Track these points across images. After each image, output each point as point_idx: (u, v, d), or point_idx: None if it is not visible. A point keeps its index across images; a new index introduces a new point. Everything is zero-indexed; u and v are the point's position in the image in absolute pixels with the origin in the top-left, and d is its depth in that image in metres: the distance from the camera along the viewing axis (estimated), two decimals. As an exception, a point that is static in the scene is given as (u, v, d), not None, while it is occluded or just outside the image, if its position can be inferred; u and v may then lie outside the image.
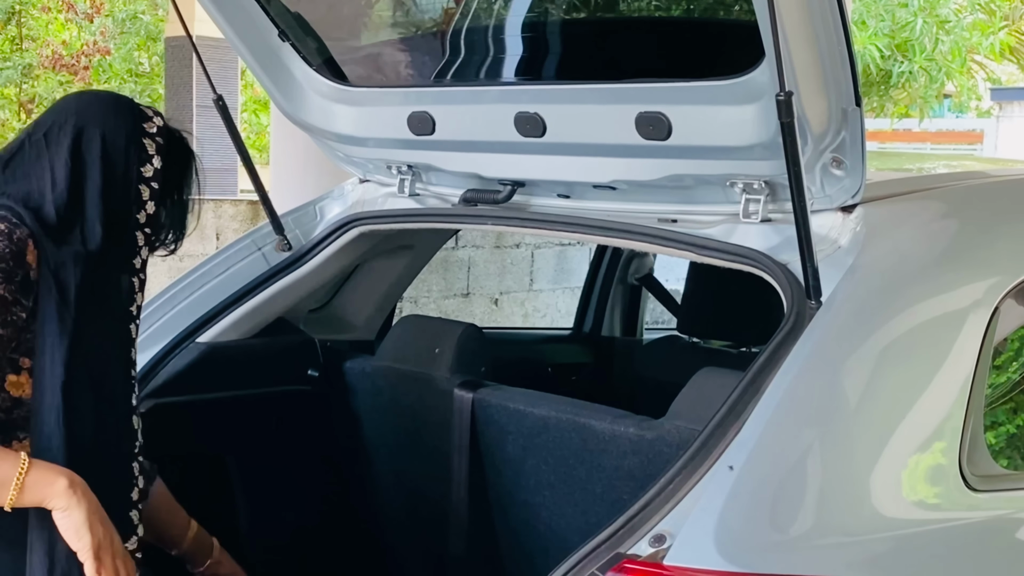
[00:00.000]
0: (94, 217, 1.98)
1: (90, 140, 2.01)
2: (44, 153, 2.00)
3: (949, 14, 10.33)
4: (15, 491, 1.76)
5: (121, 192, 2.02)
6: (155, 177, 2.06)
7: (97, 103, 2.09)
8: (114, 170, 2.01)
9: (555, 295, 6.94)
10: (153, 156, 2.06)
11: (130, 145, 2.03)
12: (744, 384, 1.84)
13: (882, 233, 2.09)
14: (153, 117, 2.10)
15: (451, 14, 2.54)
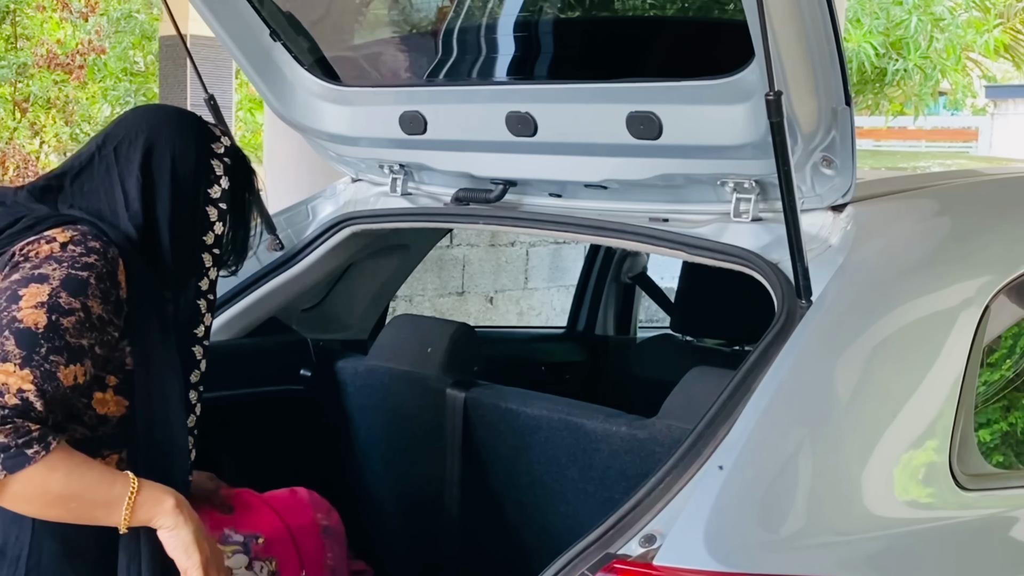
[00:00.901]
0: (165, 237, 1.97)
1: (160, 158, 1.99)
2: (114, 168, 1.98)
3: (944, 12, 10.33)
4: (127, 511, 1.77)
5: (189, 213, 2.00)
6: (223, 198, 2.04)
7: (167, 120, 2.06)
8: (183, 190, 1.99)
9: (550, 293, 6.94)
10: (221, 177, 2.04)
11: (199, 166, 2.02)
12: (734, 383, 1.84)
13: (873, 232, 2.09)
14: (221, 137, 2.08)
15: (443, 14, 2.54)
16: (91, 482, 1.78)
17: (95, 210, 1.94)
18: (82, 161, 2.01)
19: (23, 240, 1.85)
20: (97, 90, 13.15)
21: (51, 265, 1.78)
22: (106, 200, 1.96)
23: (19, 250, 1.83)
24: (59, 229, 1.85)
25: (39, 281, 1.76)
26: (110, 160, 1.99)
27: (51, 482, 1.71)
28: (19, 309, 1.73)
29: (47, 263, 1.78)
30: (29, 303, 1.73)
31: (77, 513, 1.77)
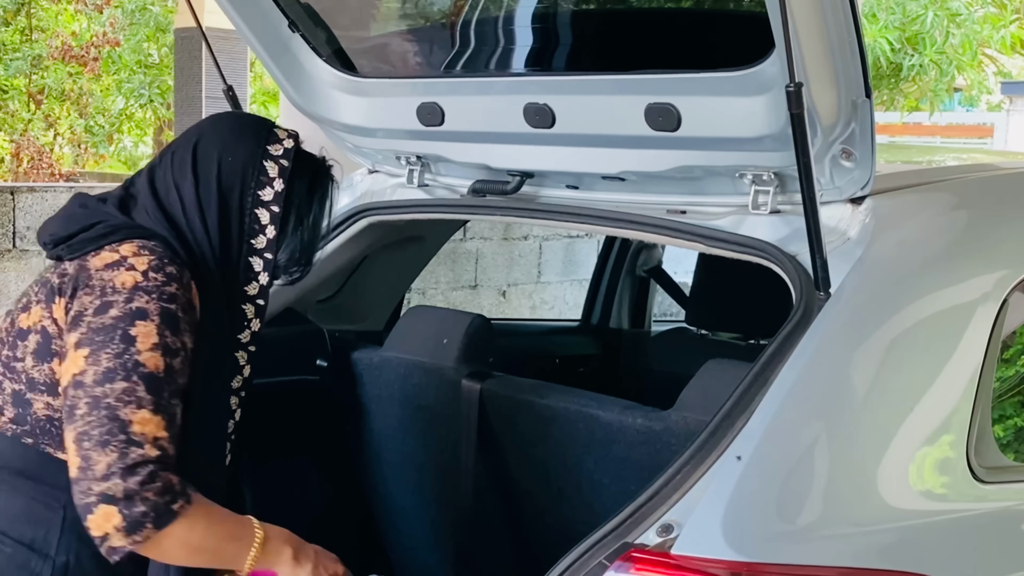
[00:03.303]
0: (214, 238, 1.96)
1: (208, 160, 1.98)
2: (169, 172, 1.99)
3: (960, 7, 10.29)
4: (251, 561, 1.82)
5: (236, 214, 1.98)
6: (275, 201, 1.99)
7: (221, 123, 2.06)
8: (228, 190, 1.97)
9: (563, 287, 6.94)
10: (274, 179, 1.99)
11: (247, 167, 1.98)
12: (752, 375, 1.84)
13: (891, 225, 2.09)
14: (284, 140, 2.04)
15: (460, 5, 2.54)
16: (225, 533, 1.82)
17: (162, 217, 1.95)
18: (154, 164, 2.03)
19: (94, 247, 1.87)
20: (111, 82, 13.18)
21: (143, 298, 1.79)
22: (170, 205, 1.96)
23: (96, 269, 1.84)
24: (133, 247, 1.85)
25: (142, 318, 1.77)
26: (167, 165, 2.00)
27: (192, 535, 1.75)
28: (139, 352, 1.75)
29: (138, 296, 1.79)
30: (146, 345, 1.76)
31: (207, 560, 1.82)
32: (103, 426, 1.70)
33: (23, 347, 1.88)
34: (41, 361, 1.86)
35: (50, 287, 1.88)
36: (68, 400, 1.75)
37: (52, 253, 1.93)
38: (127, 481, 1.68)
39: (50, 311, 1.85)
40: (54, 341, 1.84)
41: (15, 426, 1.88)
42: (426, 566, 2.97)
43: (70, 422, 1.74)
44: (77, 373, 1.75)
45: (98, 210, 1.96)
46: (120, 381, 1.72)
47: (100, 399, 1.72)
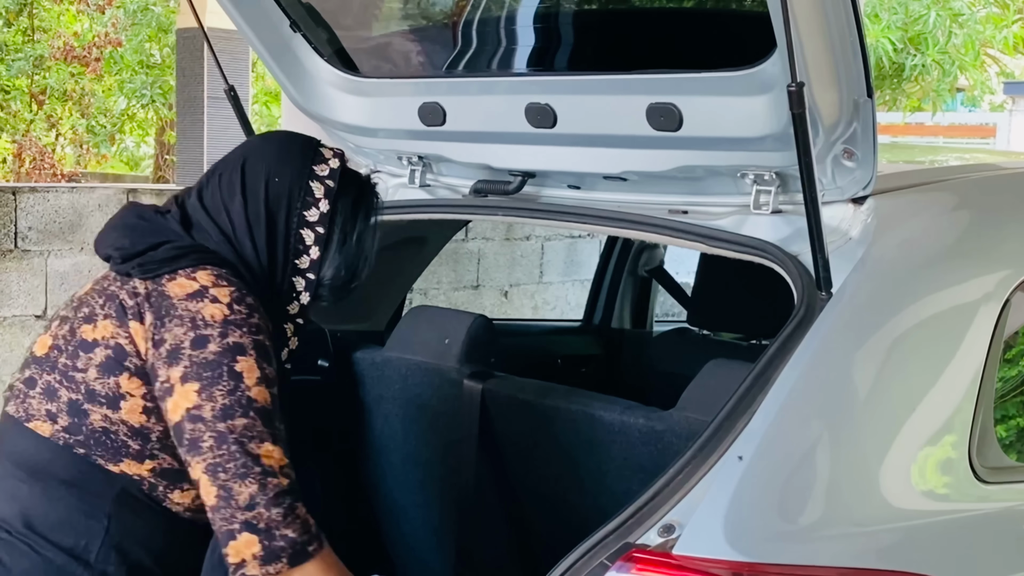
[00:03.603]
0: (263, 258, 1.99)
1: (256, 181, 2.00)
2: (219, 193, 2.01)
3: (962, 7, 10.28)
4: None
5: (283, 234, 2.00)
6: (320, 221, 2.01)
7: (268, 143, 2.08)
8: (276, 210, 1.99)
9: (565, 287, 6.94)
10: (320, 200, 2.01)
11: (294, 186, 2.00)
12: (754, 375, 1.84)
13: (893, 225, 2.09)
14: (329, 160, 2.05)
15: (462, 5, 2.54)
16: None
17: (222, 239, 1.98)
18: (202, 183, 2.04)
19: (168, 271, 1.89)
20: (113, 83, 13.18)
21: (236, 332, 1.84)
22: (220, 226, 1.99)
23: (177, 299, 1.86)
24: (209, 276, 1.89)
25: (241, 353, 1.83)
26: (215, 186, 2.02)
27: None
28: (248, 388, 1.81)
29: (231, 330, 1.84)
30: (252, 380, 1.82)
31: None
32: (236, 459, 1.78)
33: (87, 358, 1.89)
34: (107, 375, 1.88)
35: (119, 304, 1.89)
36: (187, 433, 1.80)
37: (120, 268, 1.94)
38: (270, 512, 1.77)
39: (127, 331, 1.87)
40: (129, 359, 1.87)
41: (68, 435, 1.89)
42: (428, 566, 2.97)
43: (196, 453, 1.80)
44: (191, 408, 1.80)
45: (161, 225, 1.98)
46: (240, 418, 1.79)
47: (226, 434, 1.78)
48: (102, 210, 5.04)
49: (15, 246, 4.78)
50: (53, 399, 1.90)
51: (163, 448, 1.89)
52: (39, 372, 1.94)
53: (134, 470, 1.89)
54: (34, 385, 1.93)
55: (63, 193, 4.96)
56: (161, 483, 1.92)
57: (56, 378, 1.91)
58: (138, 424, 1.88)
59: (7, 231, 4.75)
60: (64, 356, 1.92)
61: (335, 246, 2.04)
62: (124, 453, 1.88)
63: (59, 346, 1.94)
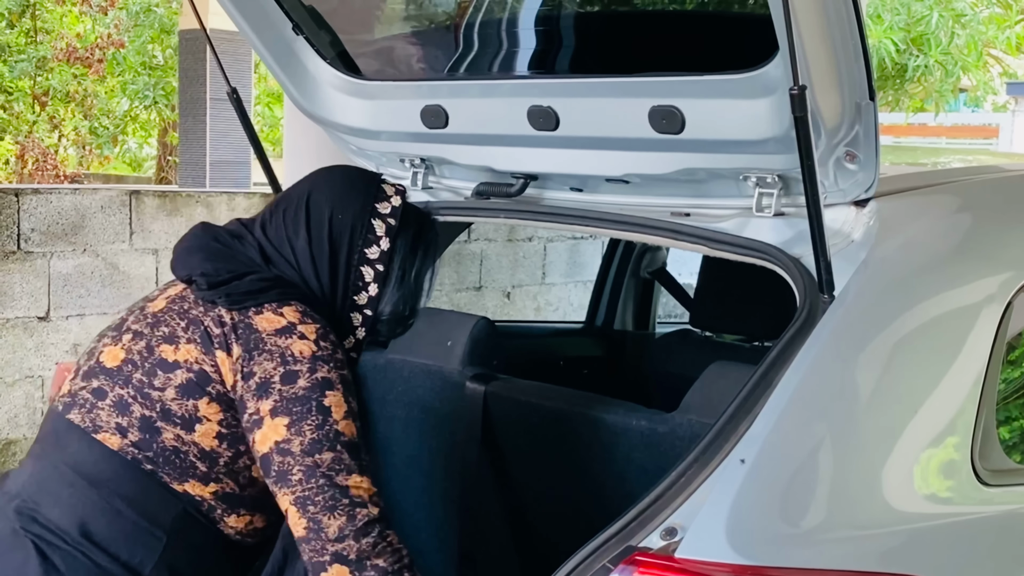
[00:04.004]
0: (327, 296, 2.02)
1: (320, 217, 2.02)
2: (283, 229, 2.03)
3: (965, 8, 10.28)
4: None
5: (343, 270, 2.02)
6: (380, 259, 2.04)
7: (332, 178, 2.10)
8: (338, 247, 2.02)
9: (567, 289, 6.94)
10: (381, 238, 2.04)
11: (357, 223, 2.03)
12: (756, 378, 1.84)
13: (895, 227, 2.09)
14: (392, 197, 2.08)
15: (464, 7, 2.54)
16: None
17: (296, 274, 2.01)
18: (263, 220, 2.06)
19: (254, 304, 1.92)
20: (116, 84, 13.22)
21: (324, 367, 1.88)
22: (290, 257, 2.02)
23: (266, 333, 1.89)
24: (295, 312, 1.92)
25: (330, 388, 1.87)
26: (279, 221, 2.04)
27: None
28: (336, 422, 1.85)
29: (319, 366, 1.88)
30: (339, 414, 1.86)
31: None
32: (325, 492, 1.82)
33: (166, 378, 1.91)
34: (187, 397, 1.89)
35: (204, 331, 1.92)
36: (276, 465, 1.84)
37: (206, 295, 1.95)
38: (360, 543, 1.82)
39: (213, 359, 1.90)
40: (212, 385, 1.89)
41: (137, 450, 1.90)
42: (430, 568, 2.96)
43: (284, 485, 1.84)
44: (281, 441, 1.84)
45: (240, 252, 2.01)
46: (327, 451, 1.83)
47: (314, 468, 1.83)
48: (105, 211, 5.04)
49: (18, 247, 4.79)
50: (125, 413, 1.91)
51: (228, 473, 1.92)
52: (110, 384, 1.94)
53: (197, 491, 1.91)
54: (104, 397, 1.93)
55: (66, 194, 4.96)
56: (220, 506, 1.93)
57: (130, 393, 1.92)
58: (208, 448, 1.90)
59: (10, 232, 4.75)
60: (140, 372, 1.93)
61: (393, 284, 2.07)
62: (191, 474, 1.90)
63: (134, 361, 1.94)
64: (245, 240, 2.04)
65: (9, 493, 1.95)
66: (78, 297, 4.97)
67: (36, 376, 4.91)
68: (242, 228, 2.07)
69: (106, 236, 5.04)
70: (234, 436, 1.90)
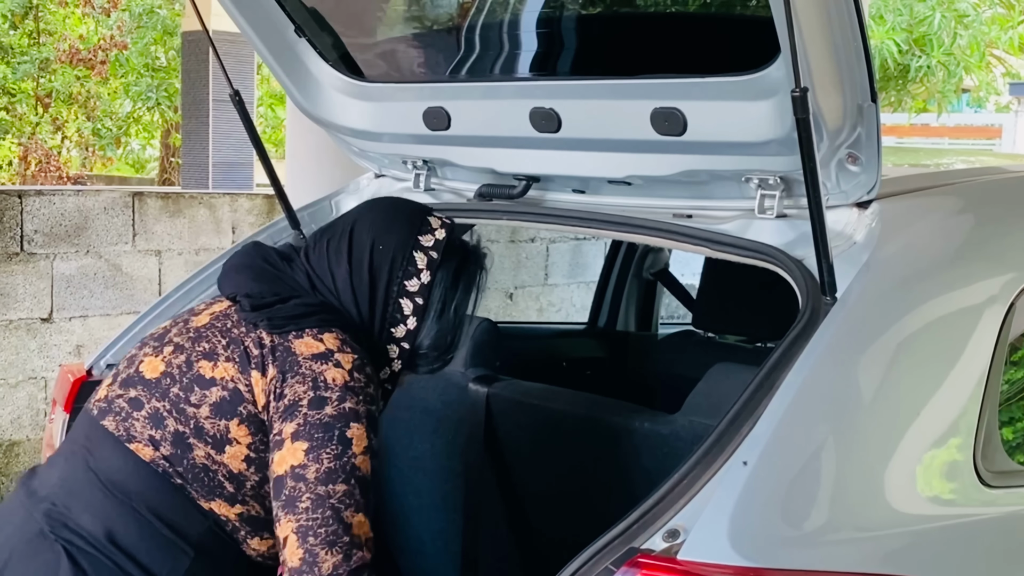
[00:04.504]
0: (365, 326, 2.01)
1: (361, 246, 2.02)
2: (325, 258, 2.03)
3: (968, 8, 10.28)
4: None
5: (382, 301, 2.01)
6: (420, 292, 2.02)
7: (377, 209, 2.10)
8: (377, 280, 2.01)
9: (570, 289, 6.94)
10: (422, 270, 2.02)
11: (397, 256, 2.02)
12: (758, 379, 1.84)
13: (898, 229, 2.09)
14: (436, 230, 2.06)
15: (466, 9, 2.54)
16: None
17: (337, 303, 2.00)
18: (312, 242, 2.07)
19: (296, 328, 1.91)
20: (119, 85, 13.23)
21: (353, 398, 1.86)
22: (332, 287, 2.01)
23: (303, 356, 1.88)
24: (335, 340, 1.91)
25: (356, 420, 1.85)
26: (322, 249, 2.04)
27: None
28: (355, 456, 1.84)
29: (349, 396, 1.86)
30: (359, 447, 1.85)
31: None
32: (329, 526, 1.80)
33: (201, 395, 1.91)
34: (219, 417, 1.89)
35: (244, 351, 1.91)
36: (287, 489, 1.82)
37: (249, 317, 1.95)
38: None
39: (248, 379, 1.89)
40: (244, 405, 1.89)
41: (168, 464, 1.90)
42: (433, 570, 2.97)
43: (290, 511, 1.81)
44: (297, 466, 1.82)
45: (287, 275, 2.02)
46: (341, 483, 1.82)
47: (324, 498, 1.80)
48: (107, 213, 5.05)
49: (21, 249, 4.79)
50: (159, 427, 1.91)
51: (255, 496, 1.92)
52: (147, 396, 1.94)
53: (223, 511, 1.91)
54: (140, 407, 1.94)
55: (69, 196, 4.97)
56: (244, 528, 1.94)
57: (166, 406, 1.92)
58: (236, 470, 1.90)
59: (13, 234, 4.76)
60: (177, 387, 1.93)
61: (432, 317, 2.05)
62: (218, 493, 1.90)
63: (172, 375, 1.94)
64: (294, 263, 2.04)
65: (38, 495, 1.94)
66: (81, 298, 4.98)
67: (39, 377, 4.91)
68: (292, 251, 2.08)
69: (109, 237, 5.05)
70: (262, 461, 1.90)
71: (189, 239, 5.33)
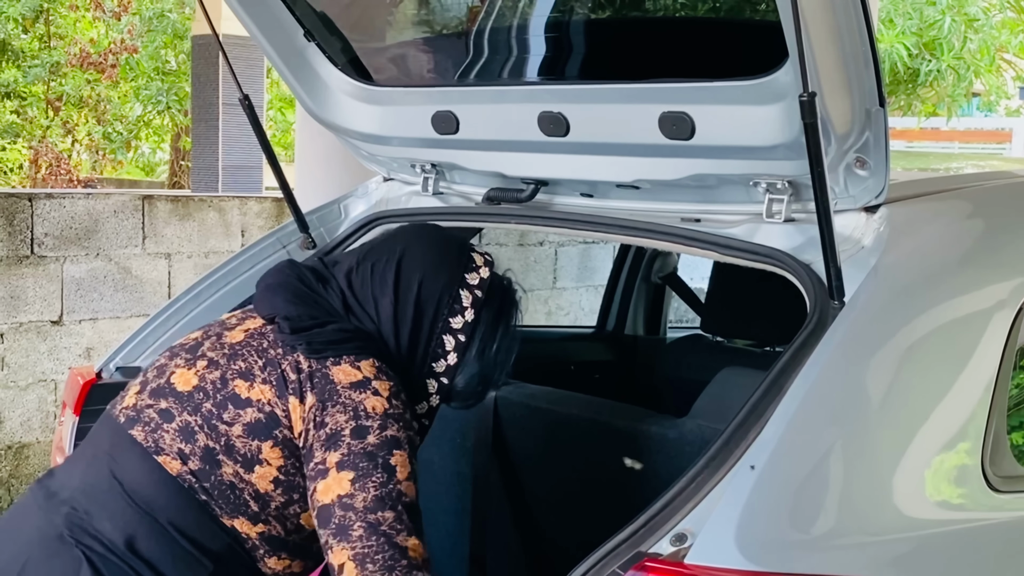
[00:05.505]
0: (405, 359, 2.02)
1: (409, 281, 2.03)
2: (369, 285, 2.04)
3: (978, 12, 10.26)
4: None
5: (426, 337, 2.03)
6: (463, 330, 2.05)
7: (425, 242, 2.11)
8: (424, 314, 2.02)
9: (578, 293, 6.94)
10: (467, 308, 2.05)
11: (444, 293, 2.04)
12: (767, 383, 1.84)
13: (906, 233, 2.09)
14: (480, 268, 2.09)
15: (475, 14, 2.55)
16: None
17: (375, 329, 2.01)
18: (348, 270, 2.07)
19: (334, 354, 1.92)
20: (129, 89, 13.25)
21: (394, 426, 1.88)
22: (372, 313, 2.02)
23: (341, 385, 1.90)
24: (372, 367, 1.93)
25: (397, 447, 1.88)
26: (366, 275, 2.05)
27: None
28: (400, 482, 1.86)
29: (390, 424, 1.88)
30: (403, 474, 1.87)
31: None
32: (384, 552, 1.81)
33: (235, 413, 1.91)
34: (253, 437, 1.90)
35: (281, 374, 1.92)
36: (336, 518, 1.84)
37: (287, 340, 1.96)
38: None
39: (285, 404, 1.90)
40: (280, 429, 1.90)
41: (194, 479, 1.90)
42: (441, 571, 2.97)
43: (343, 540, 1.83)
44: (344, 495, 1.84)
45: (322, 298, 2.03)
46: (389, 511, 1.83)
47: (376, 525, 1.82)
48: (117, 216, 5.06)
49: (31, 252, 4.81)
50: (189, 441, 1.91)
51: (277, 517, 1.92)
52: (178, 408, 1.94)
53: (245, 529, 1.91)
54: (171, 420, 1.94)
55: (79, 199, 4.99)
56: (263, 547, 1.94)
57: (197, 421, 1.92)
58: (263, 490, 1.90)
59: (23, 237, 4.78)
60: (210, 403, 1.93)
61: (473, 356, 2.07)
62: (242, 511, 1.90)
63: (206, 390, 1.95)
64: (329, 286, 2.05)
65: (58, 497, 1.94)
66: (91, 301, 5.00)
67: (49, 380, 4.93)
68: (326, 271, 2.09)
69: (119, 240, 5.06)
70: (290, 483, 1.91)
71: (198, 242, 5.34)
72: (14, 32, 13.02)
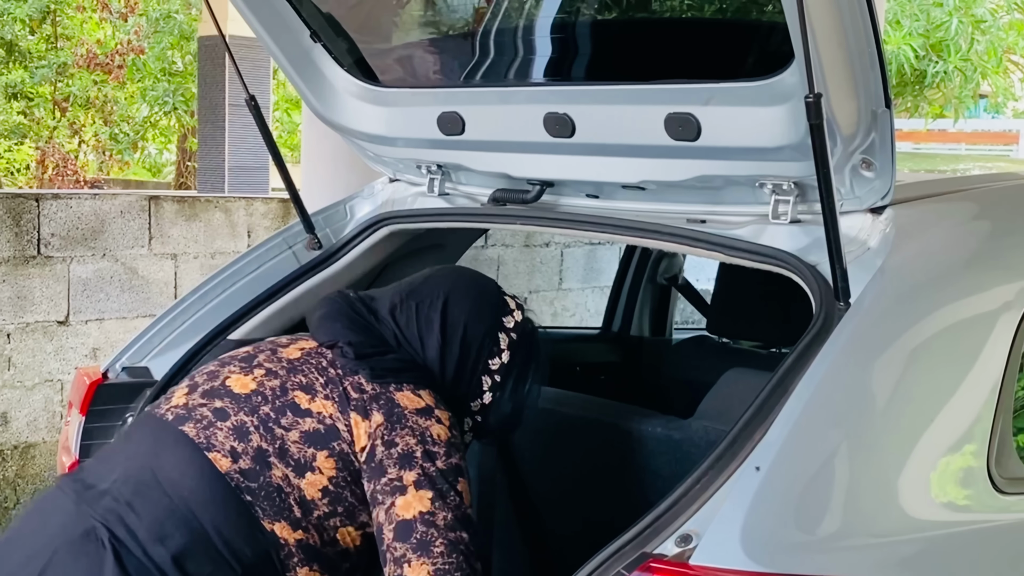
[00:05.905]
0: (447, 397, 2.09)
1: (456, 324, 2.13)
2: (414, 324, 2.13)
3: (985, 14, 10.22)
4: None
5: (467, 378, 2.12)
6: (499, 370, 2.15)
7: (469, 289, 2.21)
8: (467, 356, 2.12)
9: (584, 294, 6.94)
10: (503, 350, 2.16)
11: (487, 337, 2.15)
12: (772, 385, 1.84)
13: (912, 235, 2.09)
14: (514, 311, 2.20)
15: (481, 15, 2.55)
16: None
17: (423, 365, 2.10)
18: (392, 307, 2.16)
19: (395, 381, 2.00)
20: (136, 90, 13.26)
21: (456, 454, 1.98)
22: (415, 352, 2.11)
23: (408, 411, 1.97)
24: (432, 397, 2.02)
25: (461, 474, 1.97)
26: (411, 315, 2.14)
27: None
28: (468, 507, 1.96)
29: (454, 451, 1.98)
30: (468, 500, 1.97)
31: None
32: (463, 569, 1.91)
33: (293, 420, 1.97)
34: (310, 445, 1.95)
35: (343, 392, 1.99)
36: (418, 534, 1.91)
37: (350, 364, 2.03)
38: None
39: (347, 419, 1.97)
40: (339, 442, 1.96)
41: (242, 478, 1.92)
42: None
43: (424, 555, 1.90)
44: (425, 512, 1.92)
45: (376, 329, 2.12)
46: (464, 531, 1.94)
47: (455, 544, 1.92)
48: (124, 216, 5.07)
49: (38, 252, 4.82)
50: (243, 440, 1.95)
51: (317, 526, 1.94)
52: (234, 408, 1.99)
53: (284, 534, 1.93)
54: (225, 418, 1.97)
55: (85, 200, 5.00)
56: (298, 555, 1.94)
57: (253, 422, 1.96)
58: (310, 497, 1.94)
59: (30, 237, 4.79)
60: (268, 407, 1.98)
61: (507, 395, 2.17)
62: (285, 515, 1.92)
63: (264, 395, 2.00)
64: (381, 319, 2.14)
65: (96, 488, 1.94)
66: (97, 302, 5.00)
67: (56, 380, 4.94)
68: (373, 303, 2.17)
69: (125, 241, 5.07)
70: (338, 496, 1.95)
71: (205, 243, 5.35)
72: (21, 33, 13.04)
